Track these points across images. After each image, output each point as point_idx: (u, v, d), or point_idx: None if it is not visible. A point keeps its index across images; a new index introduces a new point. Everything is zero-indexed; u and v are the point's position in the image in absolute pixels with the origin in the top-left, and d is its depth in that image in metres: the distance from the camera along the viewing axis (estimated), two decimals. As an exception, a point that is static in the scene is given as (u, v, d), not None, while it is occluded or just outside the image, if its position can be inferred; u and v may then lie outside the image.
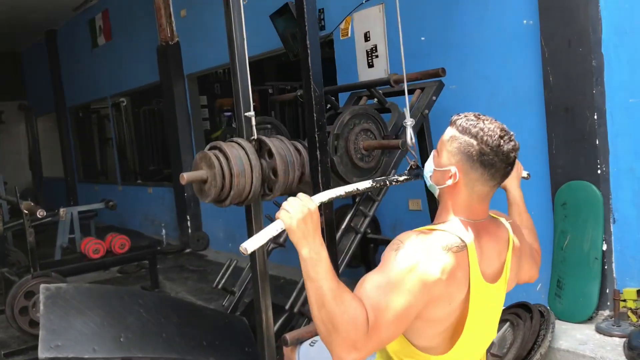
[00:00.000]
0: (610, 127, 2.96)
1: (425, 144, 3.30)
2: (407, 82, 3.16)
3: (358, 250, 3.54)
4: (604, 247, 2.95)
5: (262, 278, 2.36)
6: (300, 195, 1.44)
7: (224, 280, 3.38)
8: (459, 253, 1.46)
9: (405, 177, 1.77)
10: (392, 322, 1.36)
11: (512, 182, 1.89)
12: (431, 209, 3.40)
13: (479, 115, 1.54)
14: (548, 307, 2.98)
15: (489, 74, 3.45)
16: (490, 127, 1.49)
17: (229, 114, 7.67)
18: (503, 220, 1.66)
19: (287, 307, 2.96)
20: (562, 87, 3.04)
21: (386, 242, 3.65)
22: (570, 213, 3.05)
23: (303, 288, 3.02)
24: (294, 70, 5.93)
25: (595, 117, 2.93)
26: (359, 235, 3.10)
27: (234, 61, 2.20)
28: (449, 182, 1.53)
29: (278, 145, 2.26)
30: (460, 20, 3.57)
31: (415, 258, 1.42)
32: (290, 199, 1.42)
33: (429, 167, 1.62)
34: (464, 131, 1.51)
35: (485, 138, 1.47)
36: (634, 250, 2.95)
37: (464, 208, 1.55)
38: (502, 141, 1.48)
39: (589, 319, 2.93)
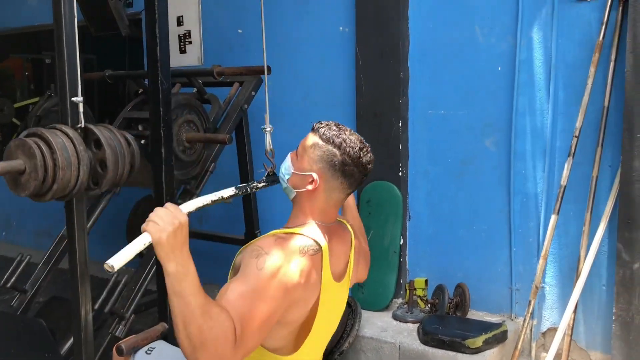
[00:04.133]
0: (411, 134, 3.28)
1: (244, 138, 3.29)
2: (230, 75, 3.15)
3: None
4: (401, 242, 3.28)
5: (83, 278, 2.15)
6: (169, 205, 1.36)
7: (14, 278, 3.00)
8: (315, 255, 1.54)
9: (264, 183, 1.79)
10: (258, 330, 1.37)
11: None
12: (243, 199, 3.40)
13: (339, 125, 1.64)
14: (354, 298, 3.21)
15: (306, 75, 3.58)
16: (352, 138, 1.59)
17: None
18: (346, 222, 1.78)
19: (96, 307, 2.74)
20: (373, 94, 3.29)
21: (194, 235, 3.55)
22: (374, 210, 3.32)
23: (113, 286, 2.84)
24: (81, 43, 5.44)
25: (400, 124, 3.23)
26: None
27: (60, 33, 1.95)
28: (309, 187, 1.59)
29: (107, 135, 2.06)
30: (279, 19, 3.62)
31: (276, 264, 1.45)
32: (158, 209, 1.33)
33: (287, 169, 1.66)
34: (328, 141, 1.59)
35: (347, 149, 1.56)
36: (424, 245, 3.33)
37: (320, 213, 1.63)
38: (361, 153, 1.59)
39: (386, 307, 3.24)
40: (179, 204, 1.47)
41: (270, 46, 3.71)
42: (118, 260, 1.27)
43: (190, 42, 3.91)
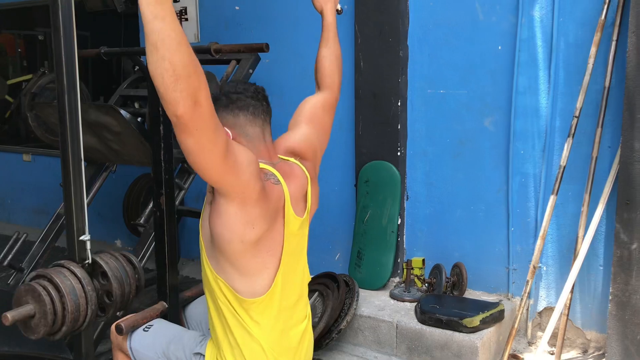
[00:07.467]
0: (410, 113, 3.26)
1: (241, 117, 3.26)
2: (228, 52, 3.10)
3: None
4: (399, 222, 3.27)
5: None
6: None
7: (10, 256, 2.99)
8: (276, 185, 1.61)
9: None
10: (225, 135, 1.42)
11: (328, 6, 2.12)
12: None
13: None
14: (352, 277, 3.22)
15: (304, 52, 3.54)
16: (230, 83, 1.70)
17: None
18: (292, 159, 1.81)
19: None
20: (372, 73, 3.26)
21: (191, 213, 3.55)
22: (371, 190, 3.31)
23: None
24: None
25: (399, 103, 3.21)
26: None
27: (56, 9, 1.90)
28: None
29: (113, 266, 2.04)
30: (277, -5, 3.59)
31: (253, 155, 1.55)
32: None
33: None
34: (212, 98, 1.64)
35: (227, 89, 1.67)
36: (421, 224, 3.33)
37: (255, 154, 1.63)
38: (244, 86, 1.69)
39: (383, 286, 3.25)
40: (176, 182, 1.45)
41: (268, 23, 3.69)
42: None
43: (186, 19, 3.85)
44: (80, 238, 1.92)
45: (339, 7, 2.19)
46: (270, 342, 1.64)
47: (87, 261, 1.92)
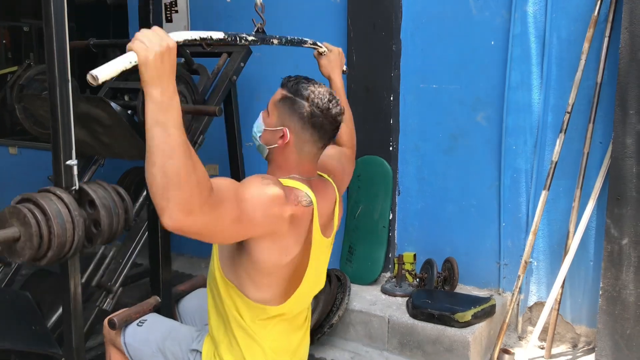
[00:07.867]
0: (402, 108, 3.26)
1: (232, 110, 3.24)
2: (218, 45, 3.08)
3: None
4: (390, 217, 3.27)
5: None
6: (156, 28, 1.28)
7: (-2, 250, 2.94)
8: (307, 208, 1.56)
9: (253, 37, 1.77)
10: (231, 207, 1.33)
11: (335, 72, 2.11)
12: (232, 174, 3.37)
13: (309, 78, 1.64)
14: (343, 272, 3.21)
15: (295, 47, 3.50)
16: (320, 90, 1.59)
17: None
18: (326, 176, 1.77)
19: (83, 280, 2.70)
20: (364, 68, 3.24)
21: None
22: (363, 185, 3.31)
23: (100, 260, 2.80)
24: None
25: (391, 98, 3.20)
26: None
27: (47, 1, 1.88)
28: (280, 141, 1.59)
29: (101, 194, 1.99)
30: (268, -12, 3.55)
31: (275, 190, 1.47)
32: (145, 30, 1.25)
33: (258, 127, 1.65)
34: (295, 93, 1.58)
35: (316, 101, 1.57)
36: (413, 219, 3.33)
37: (296, 167, 1.62)
38: (330, 104, 1.59)
39: (375, 281, 3.25)
40: None
41: (257, 15, 3.64)
42: (102, 72, 1.21)
43: (176, 11, 3.82)
44: (67, 162, 1.85)
45: (344, 67, 2.20)
46: (271, 343, 1.62)
47: (74, 187, 1.86)
